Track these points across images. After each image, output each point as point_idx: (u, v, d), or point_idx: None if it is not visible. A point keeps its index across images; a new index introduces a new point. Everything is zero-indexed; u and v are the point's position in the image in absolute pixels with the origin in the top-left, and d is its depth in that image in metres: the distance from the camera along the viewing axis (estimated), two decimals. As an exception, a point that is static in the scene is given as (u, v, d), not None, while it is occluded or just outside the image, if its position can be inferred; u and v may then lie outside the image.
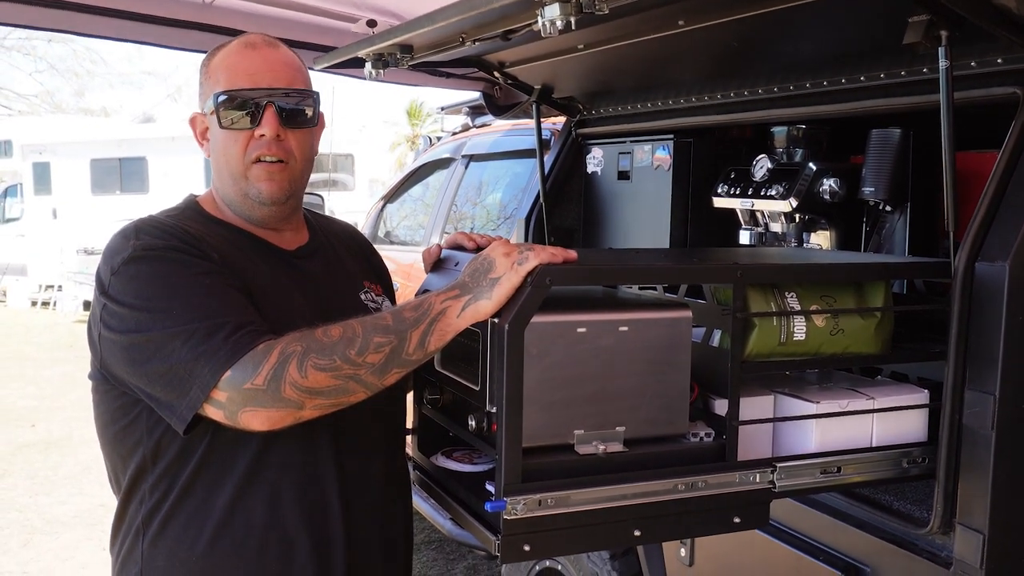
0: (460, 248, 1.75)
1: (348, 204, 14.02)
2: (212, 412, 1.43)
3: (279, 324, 1.55)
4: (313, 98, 1.67)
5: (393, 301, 1.93)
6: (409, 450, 1.84)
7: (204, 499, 1.56)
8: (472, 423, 1.48)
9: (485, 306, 1.41)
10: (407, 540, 1.84)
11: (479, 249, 1.75)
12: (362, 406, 1.53)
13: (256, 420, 1.42)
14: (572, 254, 1.45)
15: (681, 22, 2.05)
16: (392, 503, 1.76)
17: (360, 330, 1.42)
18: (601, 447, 1.47)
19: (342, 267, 1.82)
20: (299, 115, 1.64)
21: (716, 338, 1.66)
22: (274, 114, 1.61)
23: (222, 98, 1.61)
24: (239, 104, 1.61)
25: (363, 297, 1.79)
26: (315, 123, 1.68)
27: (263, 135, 1.60)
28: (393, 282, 1.99)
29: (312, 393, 1.41)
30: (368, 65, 2.45)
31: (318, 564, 1.61)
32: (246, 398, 1.40)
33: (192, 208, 1.70)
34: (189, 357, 1.41)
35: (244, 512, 1.57)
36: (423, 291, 1.74)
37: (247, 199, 1.65)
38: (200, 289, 1.47)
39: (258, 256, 1.65)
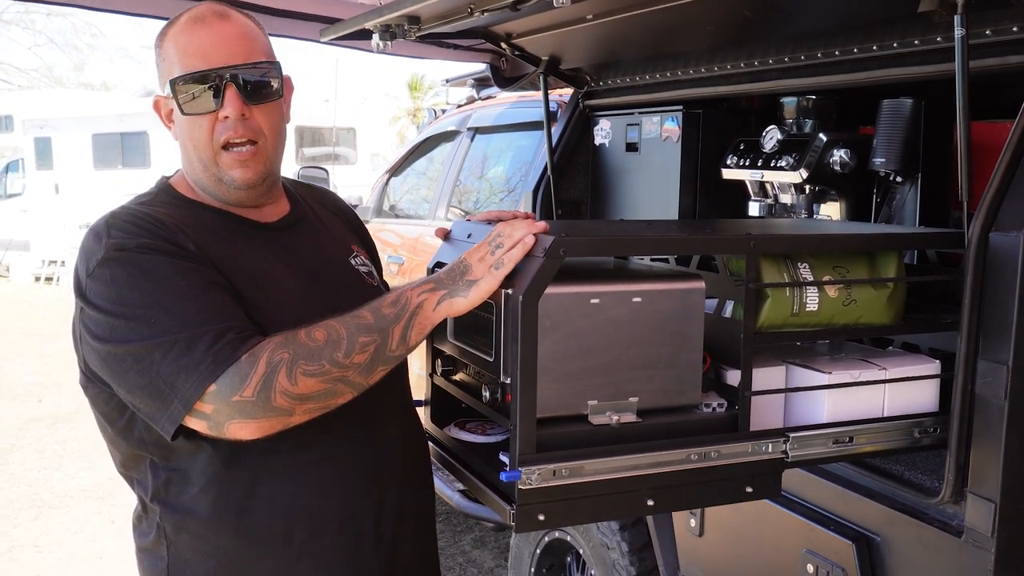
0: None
1: (350, 178, 13.99)
2: (195, 424, 1.40)
3: (266, 303, 1.52)
4: (275, 68, 1.59)
5: (379, 270, 1.90)
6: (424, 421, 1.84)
7: (221, 491, 1.52)
8: (486, 394, 1.48)
9: (460, 303, 1.43)
10: (432, 510, 1.82)
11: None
12: None
13: (245, 430, 1.39)
14: (543, 225, 1.46)
15: (692, -9, 2.04)
16: (415, 473, 1.74)
17: (344, 331, 1.41)
18: (615, 417, 1.47)
19: (328, 233, 1.77)
20: (263, 89, 1.56)
21: (728, 309, 1.65)
22: (236, 93, 1.52)
23: (177, 82, 1.52)
24: (197, 87, 1.52)
25: (353, 262, 1.75)
26: (280, 95, 1.60)
27: (227, 116, 1.53)
28: (399, 256, 1.98)
29: (303, 399, 1.39)
30: (375, 37, 2.44)
31: (348, 543, 1.59)
32: (234, 410, 1.37)
33: (165, 191, 1.64)
34: (170, 371, 1.37)
35: (265, 498, 1.53)
36: (435, 263, 1.74)
37: (221, 184, 1.58)
38: (177, 292, 1.41)
39: (236, 236, 1.60)
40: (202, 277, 1.45)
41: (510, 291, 1.40)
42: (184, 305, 1.40)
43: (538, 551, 3.22)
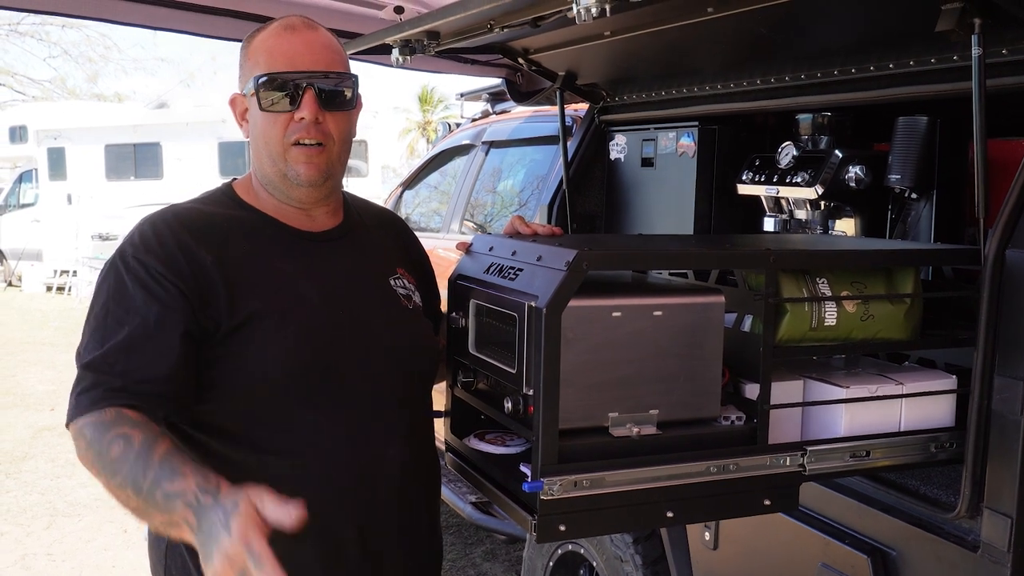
0: (516, 234, 1.76)
1: (362, 190, 14.06)
2: None
3: (274, 312, 1.59)
4: (352, 80, 1.68)
5: (435, 292, 1.92)
6: (442, 433, 1.86)
7: None
8: (508, 405, 1.50)
9: (200, 549, 1.30)
10: (432, 526, 1.83)
11: (534, 235, 1.76)
12: (376, 392, 1.62)
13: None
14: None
15: (710, 8, 2.06)
16: (413, 489, 1.75)
17: (125, 468, 1.39)
18: (635, 429, 1.49)
19: (374, 250, 1.81)
20: (338, 98, 1.65)
21: (747, 323, 1.67)
22: (313, 97, 1.61)
23: (262, 80, 1.62)
24: (278, 87, 1.61)
25: (393, 283, 1.78)
26: (353, 105, 1.69)
27: (302, 118, 1.61)
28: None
29: (91, 471, 1.47)
30: (395, 52, 2.47)
31: (330, 555, 1.63)
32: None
33: (225, 193, 1.74)
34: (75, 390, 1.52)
35: None
36: (456, 276, 1.76)
37: (285, 179, 1.66)
38: (112, 325, 1.52)
39: (273, 244, 1.67)
40: (146, 320, 1.52)
41: (533, 303, 1.42)
42: (105, 341, 1.51)
43: (551, 564, 3.23)
